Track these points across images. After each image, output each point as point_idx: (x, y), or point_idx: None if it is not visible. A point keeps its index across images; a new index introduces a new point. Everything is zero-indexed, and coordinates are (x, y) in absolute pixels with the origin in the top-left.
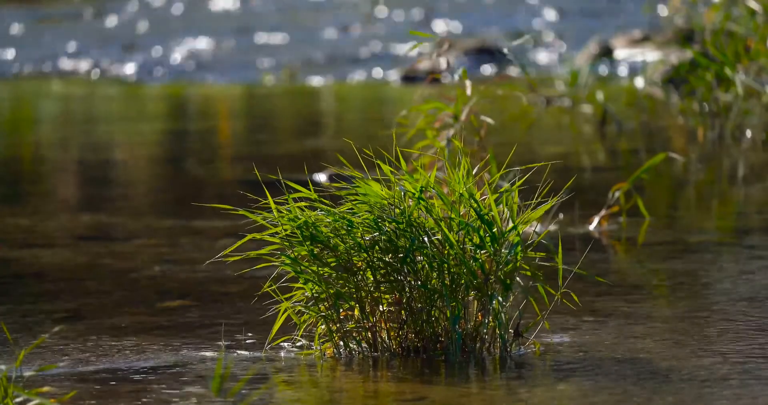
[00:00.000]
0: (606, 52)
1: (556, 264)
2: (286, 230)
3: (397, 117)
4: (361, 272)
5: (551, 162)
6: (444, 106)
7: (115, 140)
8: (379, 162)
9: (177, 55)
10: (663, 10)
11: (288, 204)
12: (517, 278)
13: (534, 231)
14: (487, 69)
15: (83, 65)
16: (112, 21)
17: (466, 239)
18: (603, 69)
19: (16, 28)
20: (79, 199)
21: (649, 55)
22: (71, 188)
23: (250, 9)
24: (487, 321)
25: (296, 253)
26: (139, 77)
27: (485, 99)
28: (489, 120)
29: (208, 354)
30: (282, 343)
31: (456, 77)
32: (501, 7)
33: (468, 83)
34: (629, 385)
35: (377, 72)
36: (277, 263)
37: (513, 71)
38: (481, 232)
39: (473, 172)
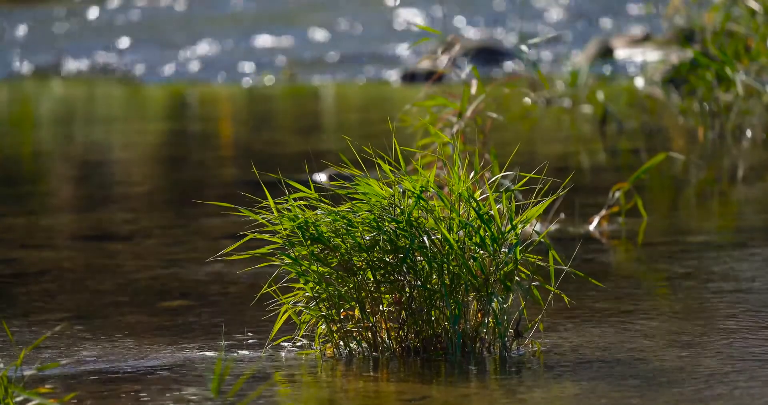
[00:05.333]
0: (606, 52)
1: (556, 264)
2: (286, 230)
3: (401, 113)
4: (361, 272)
5: (549, 162)
6: (449, 102)
7: (115, 140)
8: (379, 161)
9: (177, 55)
10: (663, 10)
11: (288, 203)
12: (517, 278)
13: (534, 230)
14: (488, 69)
15: (83, 65)
16: (112, 21)
17: (466, 239)
18: (603, 69)
19: (16, 28)
20: (79, 199)
21: (649, 55)
22: (71, 188)
23: (250, 8)
24: (487, 321)
25: (297, 253)
26: (140, 77)
27: (492, 98)
28: (495, 115)
29: (208, 354)
30: (282, 343)
31: (462, 76)
32: (501, 7)
33: (474, 81)
34: (629, 385)
35: (377, 72)
36: (277, 263)
37: (514, 71)
38: (481, 232)
39: (474, 172)
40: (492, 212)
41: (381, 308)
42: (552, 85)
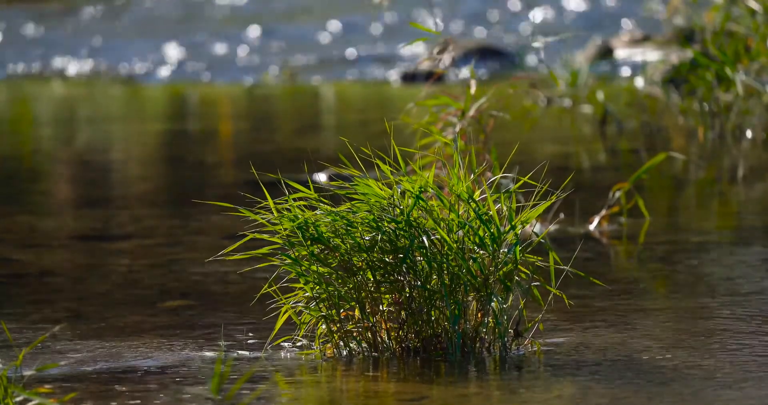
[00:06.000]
0: (606, 52)
1: (556, 264)
2: (286, 230)
3: (402, 112)
4: (361, 272)
5: (549, 162)
6: (451, 101)
7: (115, 140)
8: (378, 162)
9: (177, 55)
10: (663, 10)
11: (288, 204)
12: (517, 278)
13: (533, 231)
14: (488, 69)
15: (83, 65)
16: (112, 21)
17: (466, 239)
18: (603, 69)
19: (16, 28)
20: (79, 199)
21: (649, 55)
22: (71, 188)
23: (250, 8)
24: (487, 321)
25: (297, 253)
26: (140, 77)
27: (495, 98)
28: (500, 114)
29: (208, 354)
30: (282, 343)
31: (460, 76)
32: (500, 6)
33: (473, 81)
34: (629, 385)
35: (377, 72)
36: (277, 263)
37: (522, 71)
38: (481, 232)
39: (475, 172)
40: (491, 212)
41: (381, 308)
42: (552, 84)
